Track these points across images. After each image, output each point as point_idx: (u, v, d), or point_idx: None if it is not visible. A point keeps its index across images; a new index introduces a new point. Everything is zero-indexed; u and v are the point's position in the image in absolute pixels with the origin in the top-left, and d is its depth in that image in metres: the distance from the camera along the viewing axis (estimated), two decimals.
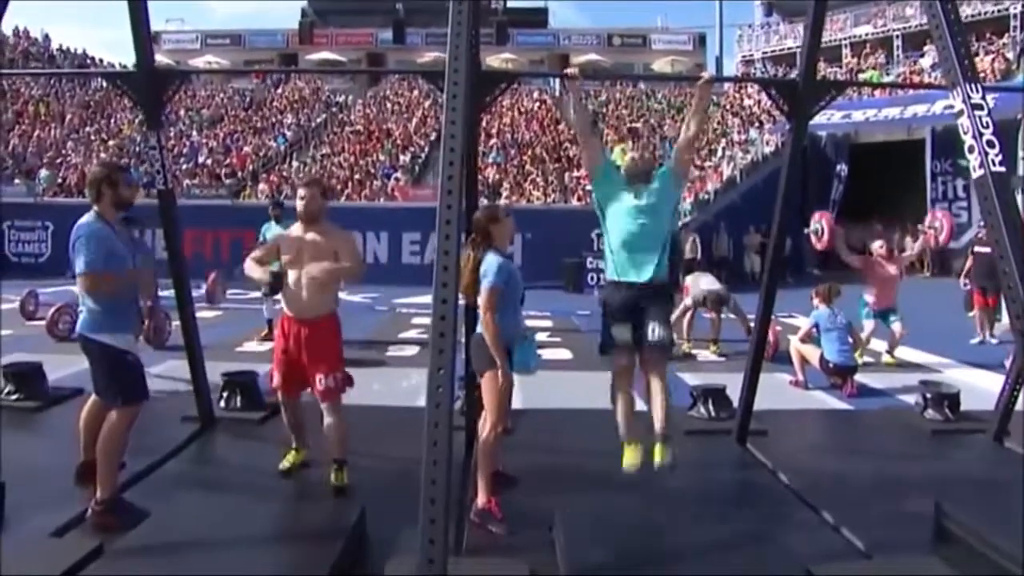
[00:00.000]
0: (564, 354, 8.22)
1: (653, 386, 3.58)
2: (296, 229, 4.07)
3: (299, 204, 4.03)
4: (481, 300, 3.55)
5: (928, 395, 5.62)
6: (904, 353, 8.12)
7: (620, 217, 3.65)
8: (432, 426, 2.24)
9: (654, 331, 3.51)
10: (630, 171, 3.77)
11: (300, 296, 3.95)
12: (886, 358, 7.86)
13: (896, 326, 7.73)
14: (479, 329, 3.66)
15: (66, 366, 5.87)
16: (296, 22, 35.62)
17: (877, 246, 7.83)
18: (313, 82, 29.00)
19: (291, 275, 3.97)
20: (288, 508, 3.84)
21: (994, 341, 9.13)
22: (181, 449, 4.63)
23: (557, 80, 29.26)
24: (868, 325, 7.65)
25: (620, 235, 3.62)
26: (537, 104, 27.14)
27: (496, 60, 28.12)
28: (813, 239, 7.54)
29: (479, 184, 5.32)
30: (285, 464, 4.20)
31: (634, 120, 24.75)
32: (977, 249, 9.64)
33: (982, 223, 10.15)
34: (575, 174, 20.17)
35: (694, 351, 8.22)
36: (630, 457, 3.50)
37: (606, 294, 3.75)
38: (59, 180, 19.75)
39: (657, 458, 3.45)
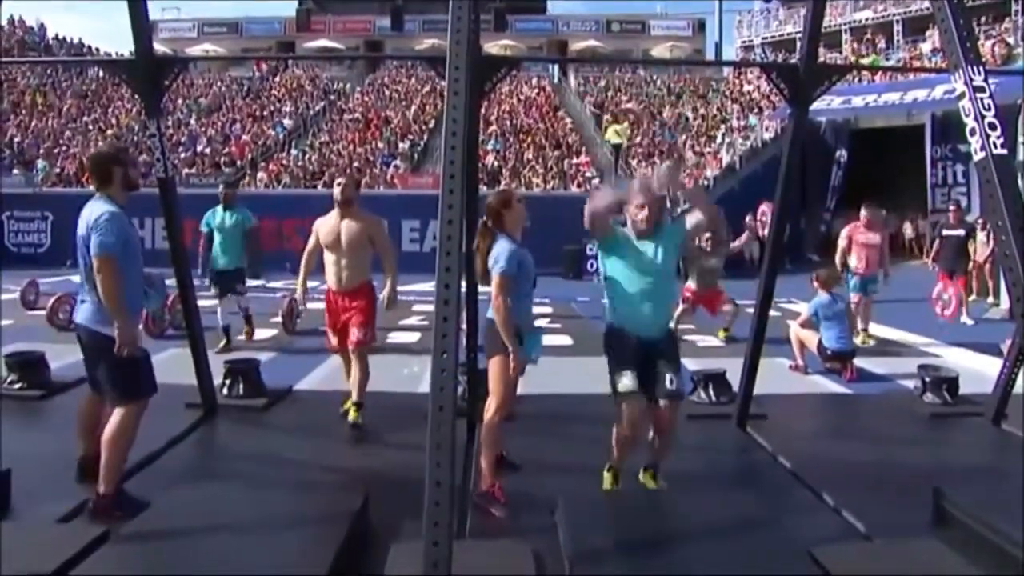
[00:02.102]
0: (564, 340, 8.24)
1: (662, 439, 3.61)
2: (333, 216, 4.84)
3: (336, 190, 4.84)
4: (492, 286, 3.56)
5: (927, 379, 5.64)
6: (902, 337, 8.15)
7: (629, 276, 3.48)
8: (436, 409, 2.25)
9: (672, 382, 3.44)
10: (640, 230, 3.52)
11: (341, 273, 4.79)
12: (861, 336, 7.86)
13: (870, 297, 7.81)
14: (489, 313, 3.67)
15: (67, 355, 5.87)
16: (293, 9, 35.40)
17: (863, 213, 7.89)
18: (311, 70, 28.85)
19: (331, 256, 4.79)
20: (292, 495, 3.84)
21: (970, 322, 9.24)
22: (185, 436, 4.65)
23: (556, 66, 29.23)
24: (852, 298, 7.70)
25: (629, 292, 3.47)
26: (536, 91, 27.03)
27: (495, 47, 27.99)
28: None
29: (479, 171, 5.34)
30: (345, 406, 4.88)
31: (628, 100, 24.75)
32: (945, 233, 9.69)
33: (952, 208, 10.25)
34: (574, 161, 20.14)
35: (689, 337, 8.21)
36: (607, 482, 3.73)
37: (611, 339, 3.55)
38: (57, 170, 19.70)
39: (647, 483, 3.74)
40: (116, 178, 3.41)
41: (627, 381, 3.39)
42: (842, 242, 7.99)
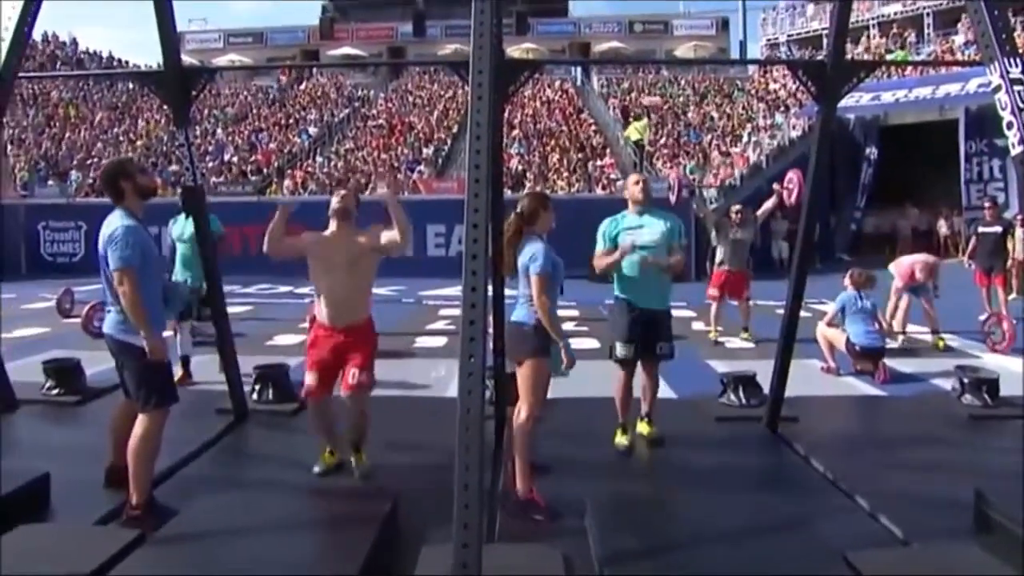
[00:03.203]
0: (591, 343, 8.19)
1: (648, 383, 4.57)
2: (327, 234, 4.03)
3: (335, 201, 4.03)
4: (533, 286, 3.61)
5: (965, 380, 5.49)
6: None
7: (629, 257, 4.34)
8: (465, 412, 2.25)
9: (661, 348, 4.43)
10: (637, 202, 4.50)
11: (336, 303, 3.92)
12: (935, 340, 7.75)
13: (925, 302, 7.70)
14: (514, 317, 3.71)
15: (102, 362, 5.97)
16: (316, 18, 35.92)
17: (920, 263, 7.77)
18: (335, 77, 29.18)
19: (324, 282, 3.93)
20: (321, 498, 3.87)
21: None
22: (216, 441, 4.71)
23: (579, 68, 29.20)
24: (903, 302, 7.68)
25: (630, 271, 4.38)
26: (559, 94, 27.01)
27: (517, 50, 28.05)
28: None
29: (503, 175, 5.33)
30: (320, 467, 4.10)
31: (650, 94, 24.74)
32: (981, 230, 9.45)
33: (987, 204, 9.99)
34: (599, 163, 20.07)
35: (722, 339, 8.16)
36: (620, 438, 4.52)
37: (617, 311, 4.44)
38: (90, 181, 20.16)
39: (643, 431, 4.58)
40: (127, 190, 3.45)
41: (624, 351, 4.39)
42: (897, 282, 7.87)
